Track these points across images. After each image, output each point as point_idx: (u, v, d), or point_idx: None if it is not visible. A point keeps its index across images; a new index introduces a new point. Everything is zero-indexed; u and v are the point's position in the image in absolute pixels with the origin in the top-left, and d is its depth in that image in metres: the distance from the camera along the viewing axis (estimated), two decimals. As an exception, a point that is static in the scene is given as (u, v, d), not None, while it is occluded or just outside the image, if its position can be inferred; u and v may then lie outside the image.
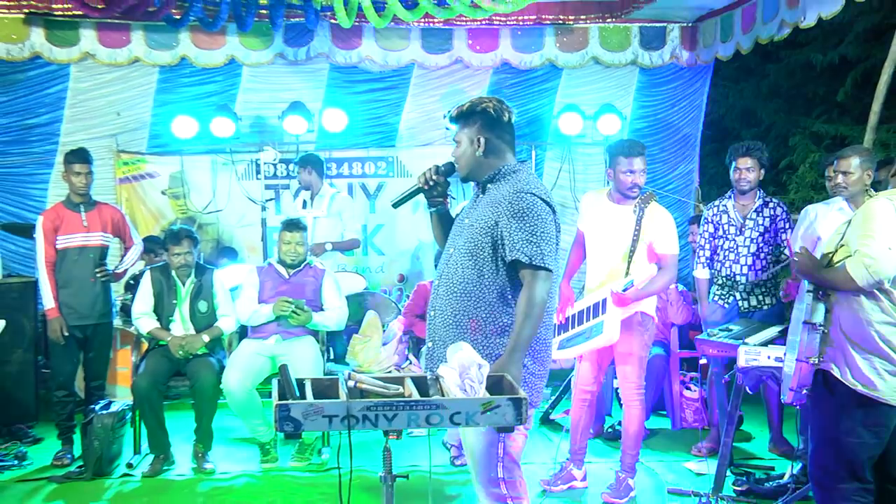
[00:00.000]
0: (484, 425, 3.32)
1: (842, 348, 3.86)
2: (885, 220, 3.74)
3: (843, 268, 3.78)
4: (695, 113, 9.34)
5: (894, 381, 3.78)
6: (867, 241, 3.73)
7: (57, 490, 5.82)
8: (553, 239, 3.62)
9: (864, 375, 3.79)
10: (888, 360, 3.78)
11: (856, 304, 3.84)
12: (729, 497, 5.38)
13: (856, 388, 3.80)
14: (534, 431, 6.64)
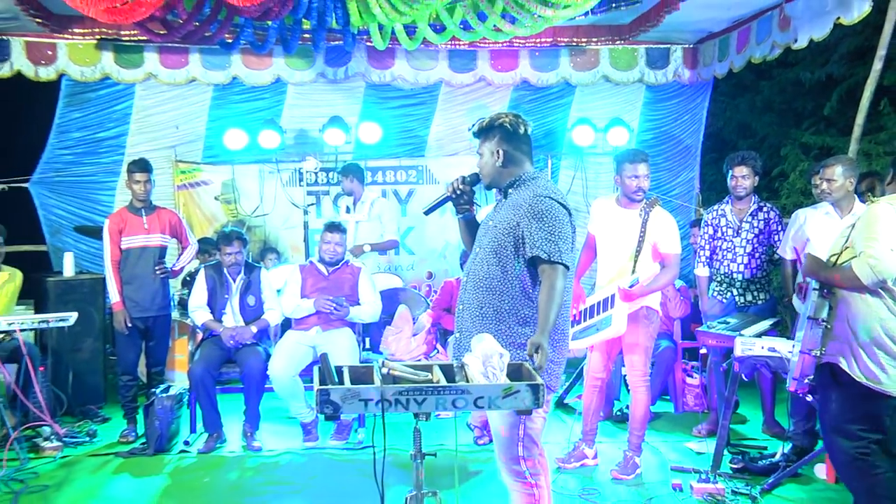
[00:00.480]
0: (505, 409, 3.31)
1: (848, 343, 3.85)
2: (887, 224, 3.73)
3: (850, 268, 3.77)
4: (696, 126, 9.28)
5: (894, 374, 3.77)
6: (871, 244, 3.71)
7: (122, 464, 5.86)
8: (569, 237, 3.65)
9: (868, 369, 3.79)
10: (891, 355, 3.77)
11: (861, 301, 3.83)
12: (726, 474, 5.36)
13: (861, 380, 3.79)
14: (550, 414, 6.60)
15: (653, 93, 9.17)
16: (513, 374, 3.41)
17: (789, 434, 5.69)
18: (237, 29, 6.81)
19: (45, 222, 8.70)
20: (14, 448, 5.75)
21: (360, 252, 7.41)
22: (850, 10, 6.23)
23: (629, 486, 5.31)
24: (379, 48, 7.27)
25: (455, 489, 4.15)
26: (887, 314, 3.80)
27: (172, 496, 5.28)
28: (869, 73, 6.89)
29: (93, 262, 8.25)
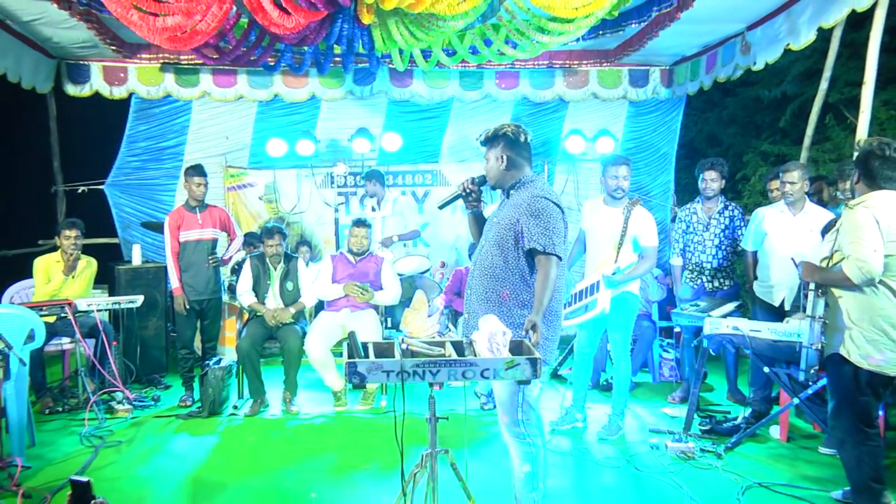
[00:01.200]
0: (507, 379, 3.31)
1: (850, 334, 3.85)
2: (868, 227, 3.74)
3: (840, 269, 3.79)
4: (671, 136, 9.24)
5: (893, 356, 3.79)
6: (856, 247, 3.74)
7: (181, 424, 5.90)
8: (562, 232, 3.68)
9: (869, 354, 3.80)
10: (890, 339, 3.78)
11: (862, 295, 3.83)
12: (696, 434, 5.38)
13: (862, 365, 3.81)
14: (545, 383, 6.61)
15: (634, 107, 9.13)
16: (514, 350, 3.41)
17: (749, 401, 5.70)
18: (278, 53, 6.82)
19: (117, 219, 8.73)
20: (93, 410, 5.80)
21: (389, 242, 7.44)
22: (798, 38, 6.30)
23: (613, 444, 5.33)
24: (399, 69, 7.25)
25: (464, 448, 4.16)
26: (886, 304, 3.80)
27: (223, 452, 5.31)
28: (817, 91, 6.89)
29: (156, 252, 8.28)
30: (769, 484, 4.58)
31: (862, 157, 3.90)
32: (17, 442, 4.93)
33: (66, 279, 6.47)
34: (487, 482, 4.47)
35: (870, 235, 3.73)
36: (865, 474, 3.92)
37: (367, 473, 4.82)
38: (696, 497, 4.37)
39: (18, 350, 4.99)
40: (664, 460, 4.97)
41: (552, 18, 5.58)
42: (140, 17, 5.15)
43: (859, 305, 3.85)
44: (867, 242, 3.71)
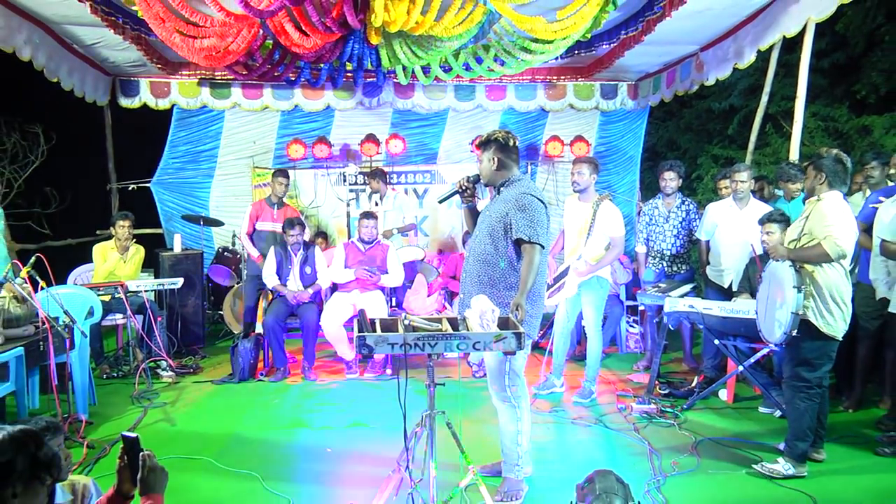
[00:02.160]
0: (495, 350, 3.28)
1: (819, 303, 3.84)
2: (835, 214, 3.79)
3: (820, 246, 3.78)
4: (636, 141, 9.16)
5: (845, 325, 3.85)
6: (831, 229, 3.76)
7: (216, 389, 5.85)
8: (545, 224, 3.64)
9: (829, 323, 3.82)
10: (840, 308, 3.83)
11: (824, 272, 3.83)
12: (657, 397, 5.34)
13: (824, 329, 3.83)
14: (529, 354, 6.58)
15: (605, 117, 9.04)
16: (501, 325, 3.38)
17: (702, 369, 5.67)
18: (298, 69, 6.77)
19: (161, 212, 8.68)
20: (142, 376, 5.79)
21: (390, 235, 7.36)
22: (742, 59, 6.40)
23: (587, 406, 5.28)
24: (403, 83, 7.20)
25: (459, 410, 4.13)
26: (840, 279, 3.84)
27: (252, 411, 5.28)
28: (759, 104, 6.89)
29: (195, 241, 8.22)
30: (718, 438, 4.57)
31: (829, 163, 3.88)
32: (81, 402, 4.95)
33: (119, 262, 6.43)
34: (478, 439, 4.43)
35: (839, 220, 3.78)
36: (807, 424, 3.96)
37: (375, 431, 4.79)
38: (656, 450, 4.33)
39: (81, 324, 5.05)
40: (630, 419, 4.95)
41: (534, 40, 5.55)
42: (181, 39, 5.13)
43: (826, 280, 3.83)
44: (837, 225, 3.76)
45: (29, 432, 1.85)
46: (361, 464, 4.19)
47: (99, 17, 5.67)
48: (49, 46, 6.45)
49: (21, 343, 4.39)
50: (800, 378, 3.95)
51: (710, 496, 3.75)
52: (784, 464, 3.96)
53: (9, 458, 1.77)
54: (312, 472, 4.12)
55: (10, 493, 1.76)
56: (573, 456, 4.36)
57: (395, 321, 3.47)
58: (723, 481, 3.95)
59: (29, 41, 6.01)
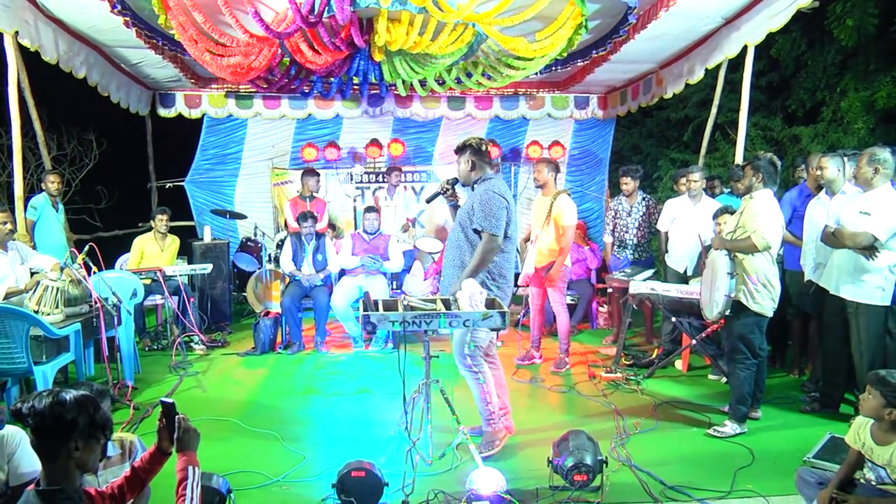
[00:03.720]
0: (483, 328, 3.25)
1: (749, 286, 3.84)
2: (764, 212, 3.79)
3: (749, 239, 3.78)
4: (605, 146, 9.12)
5: (773, 303, 3.87)
6: (760, 225, 3.77)
7: (242, 360, 5.80)
8: (502, 217, 3.61)
9: (758, 302, 3.84)
10: (770, 290, 3.84)
11: (753, 259, 3.83)
12: (623, 366, 5.31)
13: (754, 308, 3.84)
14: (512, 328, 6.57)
15: (578, 125, 8.98)
16: (488, 305, 3.34)
17: (660, 342, 5.65)
18: (312, 83, 6.70)
19: (193, 207, 8.61)
20: (178, 349, 5.76)
21: (407, 226, 7.35)
22: (693, 75, 6.53)
23: (562, 376, 5.25)
24: (402, 94, 7.14)
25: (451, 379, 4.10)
26: (766, 265, 3.83)
27: (272, 379, 5.25)
28: (709, 115, 6.88)
29: (222, 232, 8.15)
30: (674, 401, 4.56)
31: (764, 164, 3.86)
32: (127, 370, 4.96)
33: (158, 251, 6.41)
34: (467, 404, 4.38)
35: (767, 217, 3.77)
36: (746, 390, 3.96)
37: (378, 397, 4.75)
38: (621, 412, 4.31)
39: (126, 303, 5.07)
40: (599, 387, 4.92)
41: (517, 57, 5.49)
42: (211, 57, 5.09)
43: (754, 266, 3.82)
44: (765, 222, 3.76)
45: (89, 397, 1.90)
46: (366, 425, 4.16)
47: (142, 40, 5.70)
48: (101, 66, 6.58)
49: (78, 319, 4.42)
50: (738, 351, 3.96)
51: (666, 451, 3.73)
52: (731, 425, 3.96)
53: (73, 416, 1.83)
54: (324, 432, 4.08)
55: (73, 446, 1.83)
56: (550, 418, 4.33)
57: (396, 302, 3.44)
58: (677, 438, 3.94)
59: (85, 62, 6.19)
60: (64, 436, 1.81)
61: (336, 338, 6.51)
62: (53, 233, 5.97)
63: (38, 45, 5.37)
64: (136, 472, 2.11)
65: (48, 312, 4.25)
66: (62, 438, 1.81)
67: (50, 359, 4.13)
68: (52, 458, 1.82)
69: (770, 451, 3.71)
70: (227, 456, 3.67)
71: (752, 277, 3.82)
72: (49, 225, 5.95)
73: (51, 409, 1.81)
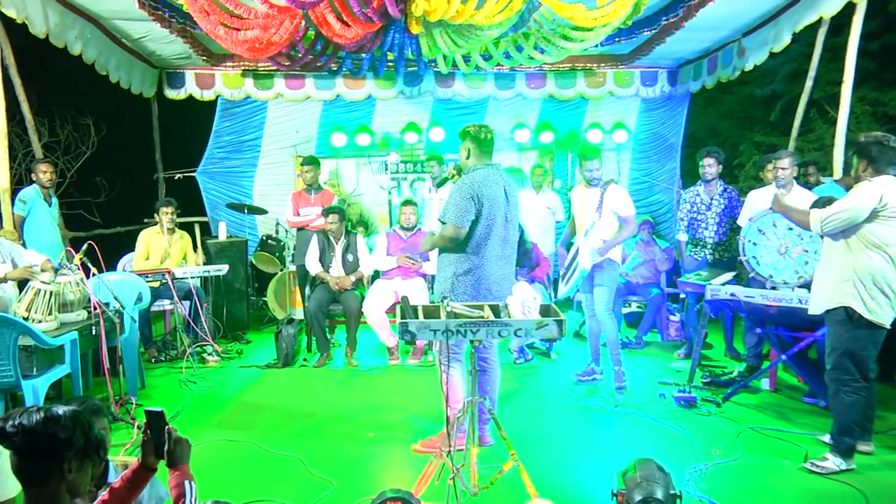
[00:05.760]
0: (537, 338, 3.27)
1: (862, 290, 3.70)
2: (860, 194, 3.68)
3: (809, 212, 3.78)
4: (677, 128, 9.02)
5: (892, 312, 3.72)
6: (837, 206, 3.71)
7: (261, 373, 5.92)
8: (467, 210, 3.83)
9: (873, 311, 3.69)
10: (892, 297, 3.69)
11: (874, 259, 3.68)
12: (698, 386, 5.25)
13: (868, 317, 3.69)
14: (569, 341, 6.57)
15: (645, 104, 8.95)
16: (543, 313, 3.35)
17: (743, 357, 5.59)
18: (340, 59, 6.78)
19: (206, 200, 8.83)
20: (189, 360, 5.88)
21: None
22: (779, 42, 6.37)
23: (626, 393, 5.20)
24: (443, 72, 7.19)
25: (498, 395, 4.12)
26: (885, 266, 3.68)
27: (295, 396, 5.33)
28: (802, 89, 6.74)
29: (239, 229, 8.33)
30: (760, 428, 4.48)
31: (871, 146, 3.73)
32: (131, 384, 5.07)
33: (166, 246, 6.55)
34: (517, 424, 4.40)
35: (850, 207, 3.66)
36: (852, 418, 3.80)
37: (416, 417, 4.79)
38: (697, 439, 4.27)
39: (130, 309, 5.14)
40: (670, 408, 4.88)
41: (575, 27, 5.47)
42: (225, 31, 5.18)
43: (868, 267, 3.68)
44: (842, 209, 3.67)
45: (83, 413, 1.92)
46: (403, 449, 4.20)
47: (146, 12, 5.79)
48: (99, 41, 6.60)
49: (74, 327, 4.48)
50: (844, 370, 3.77)
51: (752, 486, 3.68)
52: (834, 459, 3.81)
53: (68, 434, 1.83)
54: (355, 456, 4.14)
55: (67, 467, 1.83)
56: (613, 444, 4.31)
57: (438, 308, 3.47)
58: (765, 471, 3.87)
59: (80, 36, 6.17)
60: (57, 456, 1.81)
61: (369, 348, 6.61)
62: (46, 230, 6.06)
63: (24, 17, 5.36)
64: (116, 493, 2.08)
65: (40, 319, 4.28)
66: (55, 459, 1.81)
67: (41, 372, 4.16)
68: (41, 483, 1.81)
69: (891, 497, 3.58)
70: (244, 483, 3.75)
71: (868, 279, 3.67)
72: (41, 221, 6.02)
73: (43, 426, 1.80)
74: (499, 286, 3.91)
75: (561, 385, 5.46)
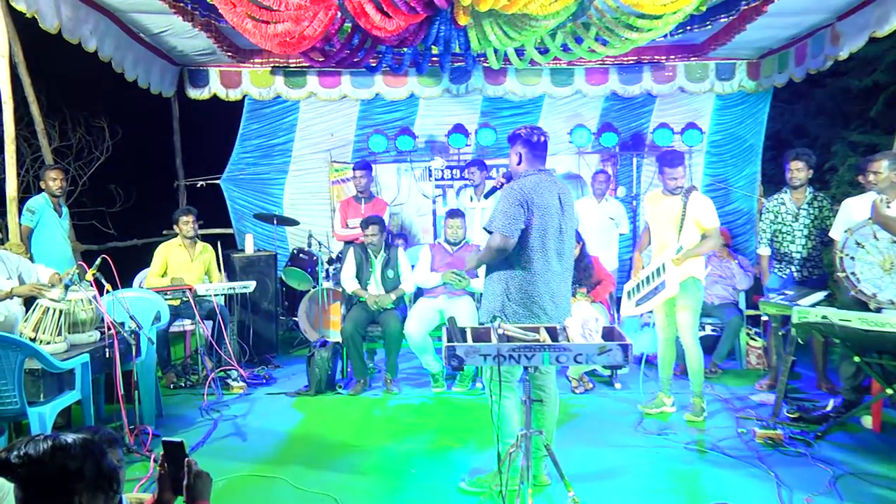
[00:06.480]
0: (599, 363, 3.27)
1: None
2: None
3: None
4: (758, 128, 8.93)
5: None
6: None
7: (291, 401, 6.00)
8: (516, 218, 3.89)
9: None
10: None
11: None
12: (784, 422, 5.16)
13: None
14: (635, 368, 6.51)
15: (721, 100, 8.89)
16: (606, 336, 3.35)
17: (839, 389, 5.48)
18: (379, 55, 6.87)
19: (231, 211, 8.99)
20: (212, 386, 5.98)
21: None
22: (884, 25, 6.09)
23: (700, 428, 5.17)
24: (494, 68, 7.24)
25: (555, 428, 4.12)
26: None
27: (328, 428, 5.37)
28: (912, 80, 6.57)
29: (268, 242, 8.47)
30: (862, 474, 4.36)
31: None
32: (148, 412, 5.15)
33: (188, 261, 6.69)
34: (577, 461, 4.40)
35: None
36: None
37: (464, 452, 4.81)
38: (786, 483, 4.20)
39: (147, 330, 5.21)
40: (752, 446, 4.80)
41: (641, 16, 5.47)
42: (254, 25, 5.29)
43: None
44: None
45: (94, 441, 1.95)
46: (449, 487, 4.22)
47: (166, 4, 5.95)
48: (115, 36, 6.71)
49: (86, 349, 4.52)
50: None
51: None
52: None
53: (79, 465, 1.85)
54: (396, 495, 4.17)
55: (78, 501, 1.85)
56: (687, 486, 4.27)
57: (488, 330, 3.50)
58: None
59: (95, 31, 6.27)
60: (67, 490, 1.83)
61: (411, 375, 6.66)
62: (56, 242, 6.21)
63: (35, 10, 5.43)
64: None
65: (48, 340, 4.34)
66: (65, 493, 1.83)
67: (49, 398, 4.19)
68: None
69: None
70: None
71: None
72: (50, 233, 6.17)
73: (52, 456, 1.82)
74: (555, 306, 3.93)
75: (626, 418, 5.43)
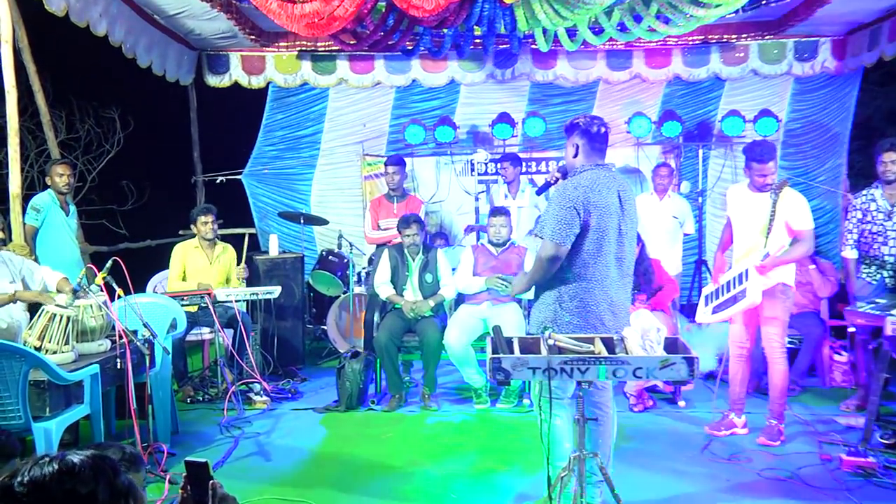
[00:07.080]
0: (661, 379, 3.25)
1: None
2: None
3: None
4: (844, 114, 8.82)
5: None
6: None
7: (319, 418, 6.04)
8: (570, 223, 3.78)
9: None
10: None
11: None
12: (877, 448, 5.03)
13: None
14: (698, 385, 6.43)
15: (800, 84, 8.78)
16: (668, 348, 3.32)
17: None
18: (417, 37, 6.91)
19: (254, 209, 9.11)
20: (232, 400, 6.02)
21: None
22: None
23: (777, 454, 5.09)
24: (543, 50, 7.24)
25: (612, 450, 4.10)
26: None
27: (360, 448, 5.39)
28: None
29: (294, 243, 8.55)
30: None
31: None
32: (162, 428, 5.18)
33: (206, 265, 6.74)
34: (636, 486, 4.36)
35: None
36: None
37: (509, 476, 4.80)
38: (876, 517, 4.13)
39: (162, 339, 5.26)
40: (839, 476, 4.71)
41: (710, -11, 5.42)
42: (279, 4, 5.35)
43: None
44: None
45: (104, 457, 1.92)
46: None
47: (184, -17, 6.02)
48: (127, 19, 6.73)
49: (96, 360, 4.55)
50: None
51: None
52: None
53: (91, 488, 1.81)
54: (434, 522, 4.19)
55: None
56: (762, 518, 4.22)
57: (537, 340, 3.49)
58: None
59: (105, 14, 6.28)
60: None
61: (451, 389, 6.68)
62: (63, 243, 6.27)
63: None
64: None
65: (55, 350, 4.37)
66: None
67: (56, 412, 4.19)
68: None
69: None
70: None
71: None
72: (56, 232, 6.25)
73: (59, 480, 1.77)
74: (614, 316, 3.90)
75: (691, 440, 5.37)
